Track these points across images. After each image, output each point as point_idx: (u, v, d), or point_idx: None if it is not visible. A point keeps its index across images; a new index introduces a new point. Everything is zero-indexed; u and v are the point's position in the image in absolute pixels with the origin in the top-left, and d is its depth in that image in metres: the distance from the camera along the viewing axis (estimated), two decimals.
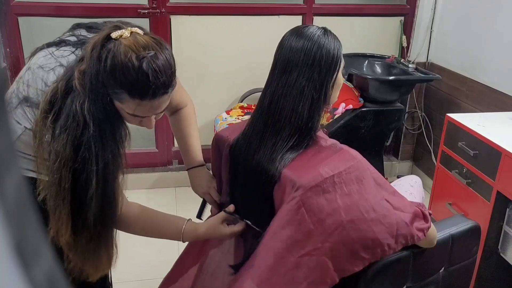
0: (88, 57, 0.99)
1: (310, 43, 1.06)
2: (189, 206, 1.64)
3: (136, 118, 1.07)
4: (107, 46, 0.98)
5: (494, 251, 1.83)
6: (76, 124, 0.99)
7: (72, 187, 1.01)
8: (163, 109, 1.08)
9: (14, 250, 0.27)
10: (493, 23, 2.38)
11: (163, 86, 1.00)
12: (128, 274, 2.11)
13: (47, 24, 2.54)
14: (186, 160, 1.47)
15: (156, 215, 1.25)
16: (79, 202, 1.03)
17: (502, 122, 2.00)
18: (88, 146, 0.99)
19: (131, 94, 0.99)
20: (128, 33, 0.99)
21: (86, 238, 1.06)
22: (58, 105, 1.00)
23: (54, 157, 0.99)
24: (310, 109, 1.07)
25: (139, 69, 0.96)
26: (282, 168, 1.06)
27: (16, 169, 0.29)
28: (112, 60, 0.96)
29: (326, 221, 1.01)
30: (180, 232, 1.21)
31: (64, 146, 0.98)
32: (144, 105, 1.02)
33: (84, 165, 1.00)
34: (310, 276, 1.03)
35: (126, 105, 1.02)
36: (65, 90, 1.01)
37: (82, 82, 0.99)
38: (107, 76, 0.97)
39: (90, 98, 0.99)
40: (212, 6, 2.73)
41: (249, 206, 1.20)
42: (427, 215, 1.13)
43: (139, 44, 0.97)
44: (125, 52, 0.96)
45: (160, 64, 0.98)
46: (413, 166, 3.22)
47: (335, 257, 1.03)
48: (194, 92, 2.78)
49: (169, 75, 1.01)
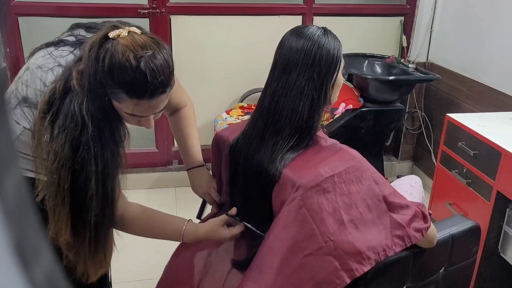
0: (86, 57, 0.99)
1: (310, 43, 1.06)
2: (189, 206, 1.64)
3: (134, 118, 1.06)
4: (104, 46, 0.98)
5: (494, 251, 1.83)
6: (75, 124, 0.99)
7: (71, 187, 1.01)
8: (161, 108, 1.08)
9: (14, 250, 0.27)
10: (493, 23, 2.38)
11: (161, 85, 1.00)
12: (128, 274, 2.11)
13: (47, 24, 2.53)
14: (185, 161, 1.47)
15: (157, 216, 1.24)
16: (79, 203, 1.03)
17: (502, 122, 2.00)
18: (87, 146, 0.99)
19: (129, 94, 0.98)
20: (126, 33, 0.99)
21: (85, 238, 1.06)
22: (56, 105, 1.00)
23: (52, 157, 0.99)
24: (310, 109, 1.07)
25: (137, 69, 0.96)
26: (282, 168, 1.06)
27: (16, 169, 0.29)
28: (110, 60, 0.96)
29: (327, 220, 1.01)
30: (180, 233, 1.20)
31: (62, 146, 0.98)
32: (142, 105, 1.02)
33: (83, 166, 1.00)
34: (316, 277, 1.02)
35: (124, 105, 1.02)
36: (64, 90, 1.01)
37: (80, 82, 0.99)
38: (105, 75, 0.97)
39: (89, 98, 0.99)
40: (212, 6, 2.73)
41: (249, 206, 1.20)
42: (427, 215, 1.14)
43: (136, 43, 0.97)
44: (123, 51, 0.96)
45: (158, 63, 0.98)
46: (413, 166, 3.22)
47: (341, 256, 1.02)
48: (194, 92, 2.78)
49: (167, 75, 1.01)
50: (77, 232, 1.05)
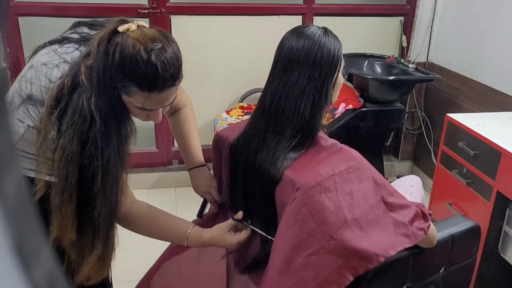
0: (95, 52, 0.99)
1: (310, 42, 1.06)
2: (189, 206, 1.64)
3: (143, 112, 1.07)
4: (114, 40, 0.98)
5: (494, 251, 1.83)
6: (83, 119, 0.99)
7: (78, 183, 1.01)
8: (170, 101, 1.09)
9: (14, 250, 0.27)
10: (493, 23, 2.38)
11: (172, 78, 1.01)
12: (128, 273, 2.11)
13: (47, 24, 2.53)
14: (186, 161, 1.46)
15: (163, 216, 1.23)
16: (85, 199, 1.03)
17: (502, 122, 2.00)
18: (94, 141, 0.99)
19: (140, 87, 0.99)
20: (135, 27, 1.00)
21: (90, 235, 1.05)
22: (64, 101, 1.00)
23: (60, 153, 0.99)
24: (312, 109, 1.06)
25: (148, 61, 0.96)
26: (285, 168, 1.06)
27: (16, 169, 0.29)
28: (121, 53, 0.96)
29: (330, 219, 1.00)
30: (185, 236, 1.19)
31: (71, 141, 0.98)
32: (153, 98, 1.02)
33: (91, 161, 1.00)
34: (319, 276, 1.02)
35: (134, 98, 1.02)
36: (72, 85, 1.01)
37: (89, 77, 0.99)
38: (115, 69, 0.98)
39: (97, 93, 0.99)
40: (212, 6, 2.73)
41: (250, 206, 1.20)
42: (427, 215, 1.13)
43: (146, 37, 0.98)
44: (134, 45, 0.96)
45: (168, 56, 0.99)
46: (413, 166, 3.22)
47: (344, 254, 1.01)
48: (194, 92, 2.79)
49: (177, 67, 1.03)
50: (82, 230, 1.05)
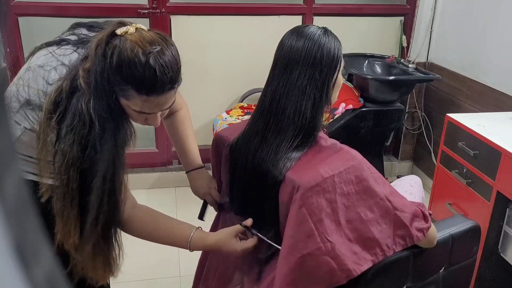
0: (93, 55, 0.98)
1: (310, 42, 1.06)
2: (189, 206, 1.64)
3: (142, 115, 1.05)
4: (112, 43, 0.97)
5: (494, 251, 1.83)
6: (83, 123, 0.98)
7: (79, 188, 1.00)
8: (169, 105, 1.07)
9: (14, 250, 0.27)
10: (493, 23, 2.38)
11: (170, 81, 1.00)
12: (128, 274, 2.11)
13: (47, 24, 2.54)
14: (184, 163, 1.46)
15: (165, 219, 1.21)
16: (86, 203, 1.02)
17: (502, 122, 2.00)
18: (94, 144, 0.99)
19: (138, 90, 0.98)
20: (134, 29, 0.99)
21: (93, 239, 1.04)
22: (63, 105, 0.99)
23: (61, 157, 0.98)
24: (313, 109, 1.06)
25: (146, 65, 0.95)
26: (288, 169, 1.06)
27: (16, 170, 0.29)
28: (118, 56, 0.95)
29: (326, 221, 1.01)
30: (187, 240, 1.16)
31: (71, 146, 0.97)
32: (151, 101, 1.01)
33: (91, 165, 0.99)
34: (312, 276, 1.03)
35: (132, 102, 1.01)
36: (70, 89, 1.00)
37: (87, 80, 0.98)
38: (113, 72, 0.96)
39: (95, 96, 0.98)
40: (212, 6, 2.73)
41: (249, 205, 1.20)
42: (427, 215, 1.13)
43: (145, 39, 0.97)
44: (132, 48, 0.95)
45: (167, 59, 0.98)
46: (413, 166, 3.22)
47: (338, 257, 1.02)
48: (194, 92, 2.80)
49: (176, 70, 1.01)
50: (85, 234, 1.03)
